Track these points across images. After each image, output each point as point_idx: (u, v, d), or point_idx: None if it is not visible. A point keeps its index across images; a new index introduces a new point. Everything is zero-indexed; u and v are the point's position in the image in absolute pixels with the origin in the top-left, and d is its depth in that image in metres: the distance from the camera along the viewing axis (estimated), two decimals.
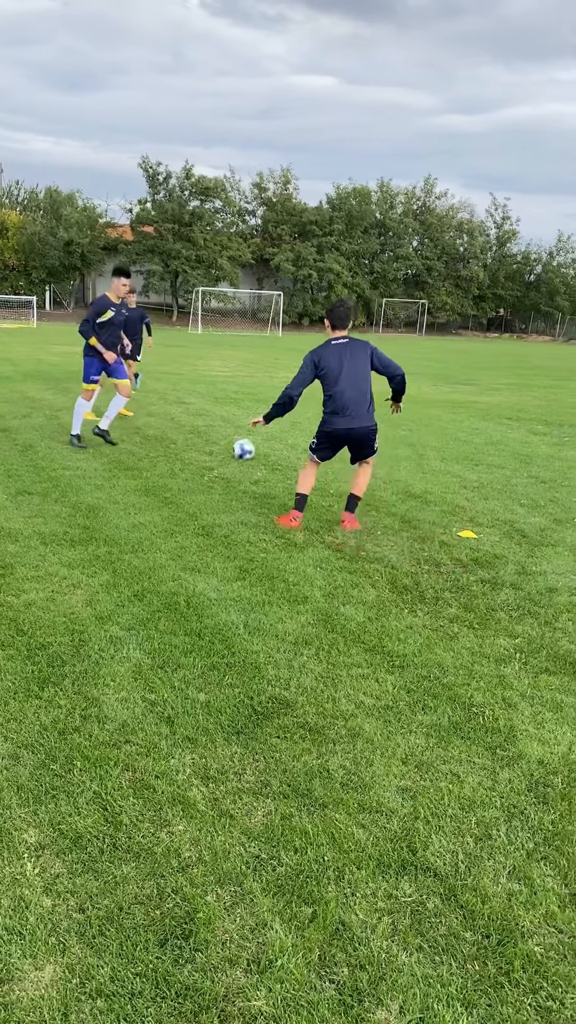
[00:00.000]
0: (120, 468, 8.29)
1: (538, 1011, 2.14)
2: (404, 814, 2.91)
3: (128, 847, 2.66)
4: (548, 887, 2.59)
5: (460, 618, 4.78)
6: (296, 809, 2.90)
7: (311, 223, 56.60)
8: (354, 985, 2.18)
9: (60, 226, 49.73)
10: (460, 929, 2.40)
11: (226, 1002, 2.11)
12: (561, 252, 66.77)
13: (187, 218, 52.30)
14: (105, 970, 2.18)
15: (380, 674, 4.00)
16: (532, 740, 3.46)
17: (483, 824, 2.88)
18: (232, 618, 4.54)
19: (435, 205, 62.80)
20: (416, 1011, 2.11)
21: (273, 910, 2.42)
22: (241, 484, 7.91)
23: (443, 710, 3.67)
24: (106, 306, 9.12)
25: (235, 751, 3.25)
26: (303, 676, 3.93)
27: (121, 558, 5.44)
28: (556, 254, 66.65)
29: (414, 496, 7.83)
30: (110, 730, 3.35)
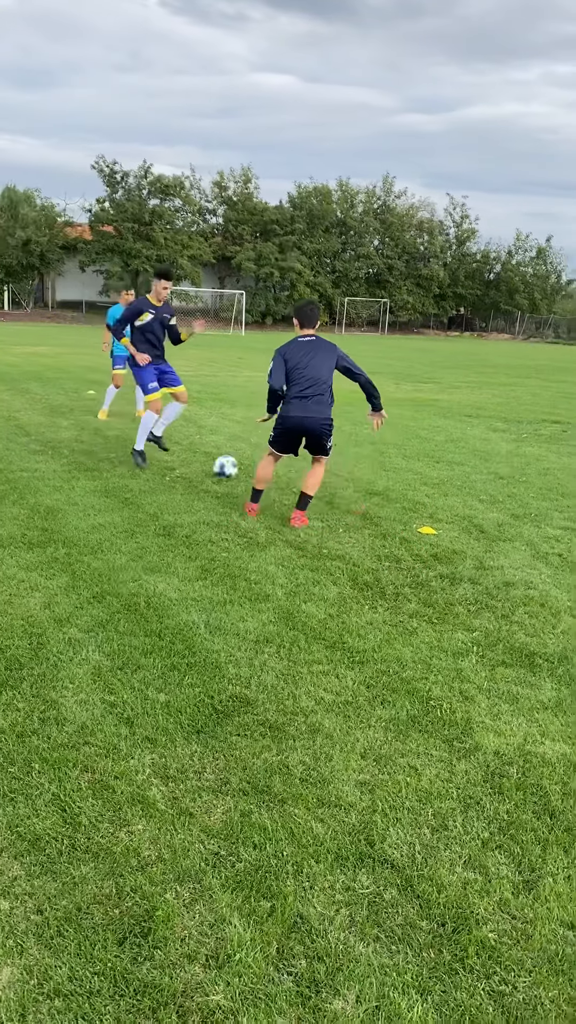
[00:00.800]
0: (80, 469, 8.23)
1: (491, 995, 2.18)
2: (362, 807, 2.94)
3: (87, 847, 2.66)
4: (502, 875, 2.64)
5: (419, 613, 4.83)
6: (255, 806, 2.92)
7: (272, 222, 56.66)
8: (312, 976, 2.20)
9: (17, 225, 49.16)
10: (416, 918, 2.44)
11: (184, 997, 2.12)
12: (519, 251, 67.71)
13: (147, 217, 52.03)
14: (63, 970, 2.18)
15: (340, 670, 4.04)
16: (488, 732, 3.52)
17: (440, 815, 2.93)
18: (193, 618, 4.55)
19: (395, 204, 63.25)
20: (372, 999, 2.14)
21: (232, 905, 2.44)
22: (203, 484, 7.91)
23: (402, 704, 3.72)
24: (144, 308, 8.52)
25: (195, 750, 3.26)
26: (264, 674, 3.95)
27: (80, 560, 5.41)
28: (515, 253, 67.54)
29: (375, 493, 7.89)
30: (69, 732, 3.34)
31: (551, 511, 7.51)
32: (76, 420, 11.56)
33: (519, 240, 67.60)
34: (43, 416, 11.77)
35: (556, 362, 36.17)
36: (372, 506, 7.38)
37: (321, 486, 8.04)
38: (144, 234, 51.61)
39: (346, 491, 7.94)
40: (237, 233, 56.41)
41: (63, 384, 16.17)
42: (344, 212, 60.28)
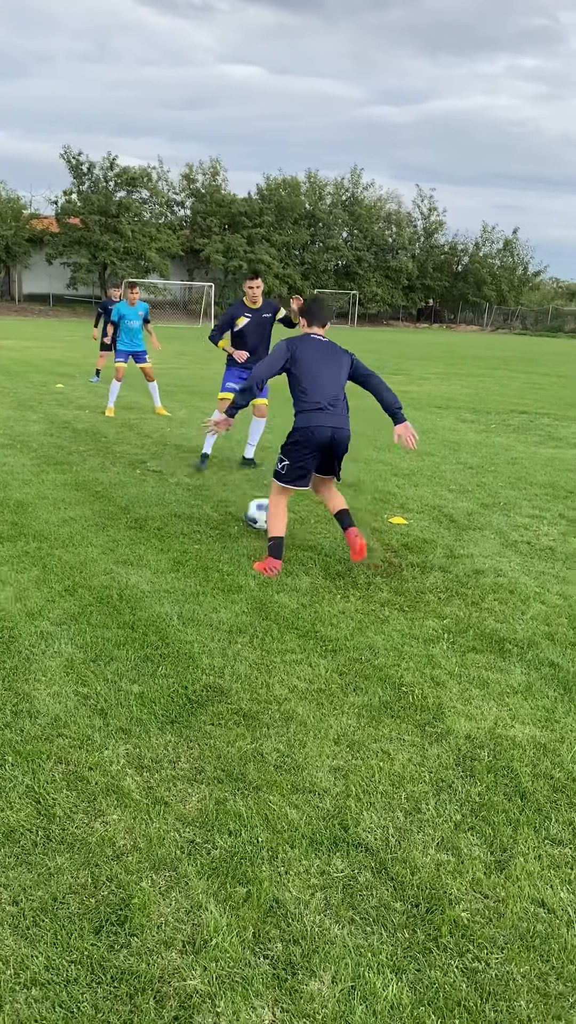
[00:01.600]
0: (49, 463, 8.17)
1: (464, 972, 2.22)
2: (336, 793, 2.97)
3: (62, 838, 2.66)
4: (475, 855, 2.68)
5: (391, 602, 4.87)
6: (230, 793, 2.94)
7: (241, 214, 56.44)
8: (288, 959, 2.23)
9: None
10: (390, 900, 2.47)
11: (162, 983, 2.13)
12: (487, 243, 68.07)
13: (114, 209, 51.55)
14: (40, 960, 2.18)
15: (313, 659, 4.06)
16: (460, 716, 3.56)
17: (413, 799, 2.97)
18: (166, 609, 4.55)
19: (363, 196, 63.27)
20: (348, 980, 2.17)
21: (208, 892, 2.45)
22: (174, 476, 7.88)
23: (374, 691, 3.75)
24: (239, 314, 8.19)
25: (169, 740, 3.27)
26: (237, 664, 3.96)
27: (51, 553, 5.38)
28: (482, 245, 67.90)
29: (346, 484, 7.91)
30: (42, 724, 3.33)
31: (519, 500, 7.60)
32: (45, 414, 11.45)
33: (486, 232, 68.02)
34: (11, 410, 11.65)
35: (523, 353, 36.48)
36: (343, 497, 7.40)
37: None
38: (111, 226, 51.14)
39: None
40: (206, 225, 56.10)
41: (31, 378, 16.01)
42: (313, 204, 60.20)
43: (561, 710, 3.67)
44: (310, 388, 5.38)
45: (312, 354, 5.46)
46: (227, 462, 8.69)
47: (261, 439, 8.92)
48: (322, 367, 5.44)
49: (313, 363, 5.42)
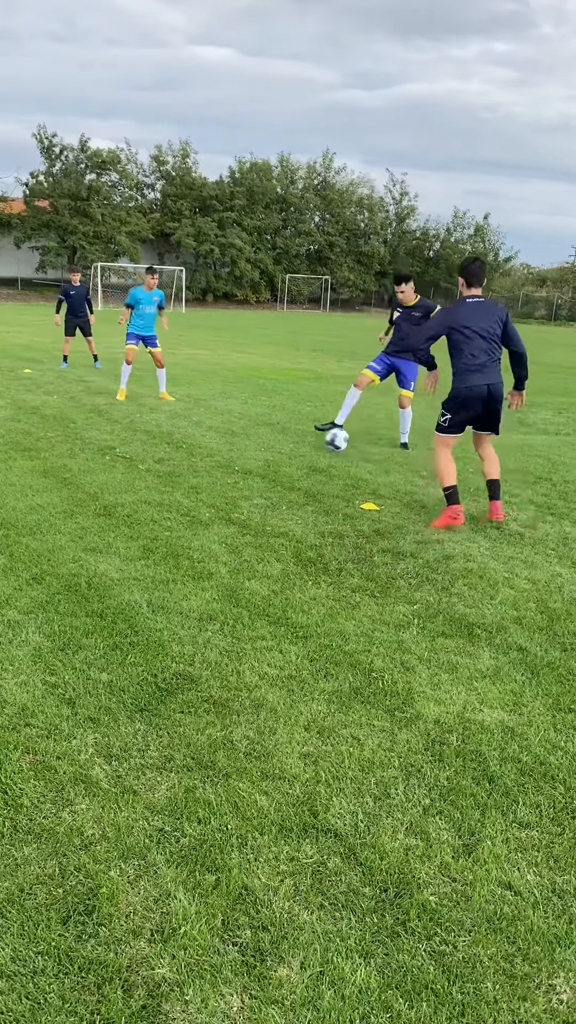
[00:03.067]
0: (16, 449, 8.07)
1: (432, 955, 2.24)
2: (306, 779, 2.97)
3: (29, 828, 2.64)
4: (443, 840, 2.70)
5: (362, 588, 4.88)
6: (200, 781, 2.93)
7: (212, 198, 55.92)
8: (256, 946, 2.23)
9: None
10: (359, 885, 2.48)
11: (130, 972, 2.12)
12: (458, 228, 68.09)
13: (84, 192, 50.85)
14: (6, 951, 2.16)
15: (284, 645, 4.06)
16: (429, 701, 3.58)
17: (382, 784, 2.98)
18: (135, 597, 4.52)
19: (335, 180, 62.97)
20: (316, 965, 2.18)
21: (177, 880, 2.45)
22: (144, 463, 7.83)
23: (344, 677, 3.76)
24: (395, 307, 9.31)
25: (139, 728, 3.25)
26: (207, 651, 3.95)
27: (18, 541, 5.31)
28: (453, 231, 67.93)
29: (318, 471, 7.92)
30: (9, 714, 3.29)
31: None
32: (12, 399, 11.30)
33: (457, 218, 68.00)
34: None
35: None
36: (314, 483, 7.40)
37: (265, 463, 8.05)
38: (81, 210, 50.45)
39: (289, 468, 7.94)
40: (176, 208, 55.51)
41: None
42: (284, 188, 59.82)
43: (529, 694, 3.71)
44: (467, 351, 6.18)
45: (470, 317, 6.18)
46: (196, 448, 8.65)
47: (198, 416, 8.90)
48: (478, 329, 6.16)
49: (471, 326, 6.15)
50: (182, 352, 20.44)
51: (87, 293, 15.78)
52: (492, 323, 6.17)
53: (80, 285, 15.62)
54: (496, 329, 6.18)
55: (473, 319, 6.15)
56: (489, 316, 6.17)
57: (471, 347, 6.13)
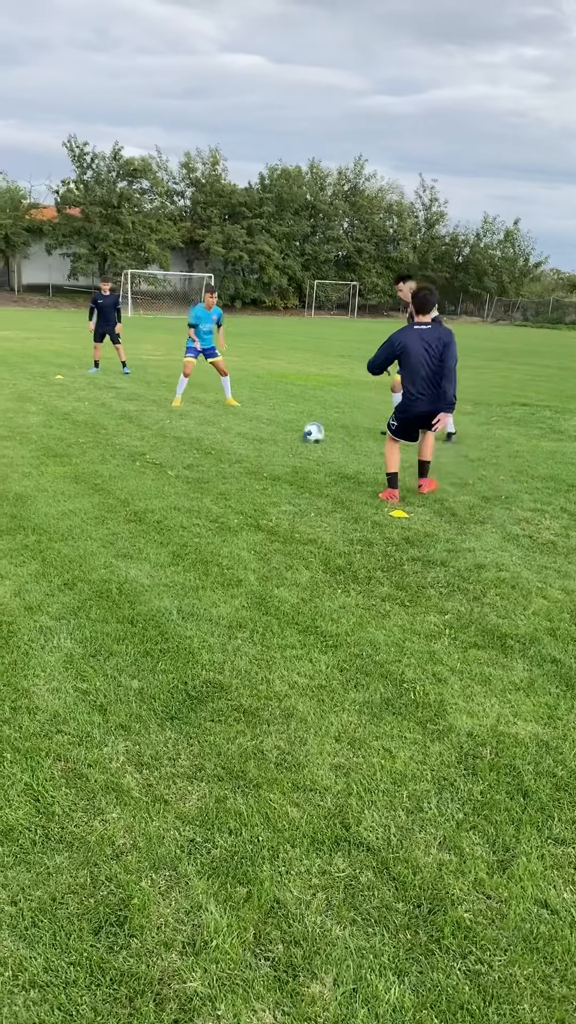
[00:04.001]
0: (49, 455, 8.13)
1: (467, 975, 2.20)
2: (337, 791, 2.95)
3: (61, 837, 2.64)
4: (477, 855, 2.66)
5: (392, 596, 4.84)
6: (230, 791, 2.91)
7: (241, 204, 56.13)
8: (289, 961, 2.20)
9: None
10: (392, 900, 2.45)
11: (161, 985, 2.11)
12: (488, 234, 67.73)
13: (115, 200, 51.30)
14: (38, 961, 2.16)
15: (314, 654, 4.03)
16: (461, 713, 3.54)
17: (414, 797, 2.94)
18: (165, 604, 4.52)
19: (365, 187, 62.96)
20: (350, 982, 2.15)
21: (208, 892, 2.43)
22: (174, 469, 7.85)
23: (375, 687, 3.72)
24: None
25: (169, 736, 3.24)
26: (237, 659, 3.93)
27: (50, 547, 5.35)
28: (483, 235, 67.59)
29: (347, 477, 7.89)
30: (41, 721, 3.30)
31: (521, 493, 7.56)
32: (44, 405, 11.41)
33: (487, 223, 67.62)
34: (11, 401, 11.60)
35: (524, 345, 36.35)
36: (343, 490, 7.37)
37: (293, 470, 8.03)
38: (112, 217, 50.89)
39: (317, 475, 7.92)
40: (205, 216, 55.78)
41: (30, 369, 15.95)
42: (314, 195, 59.89)
43: (564, 707, 3.65)
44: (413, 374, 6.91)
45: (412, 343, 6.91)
46: (224, 455, 8.66)
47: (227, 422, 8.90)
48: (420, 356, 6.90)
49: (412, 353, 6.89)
50: None
51: (117, 302, 15.94)
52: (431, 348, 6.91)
53: (110, 294, 15.79)
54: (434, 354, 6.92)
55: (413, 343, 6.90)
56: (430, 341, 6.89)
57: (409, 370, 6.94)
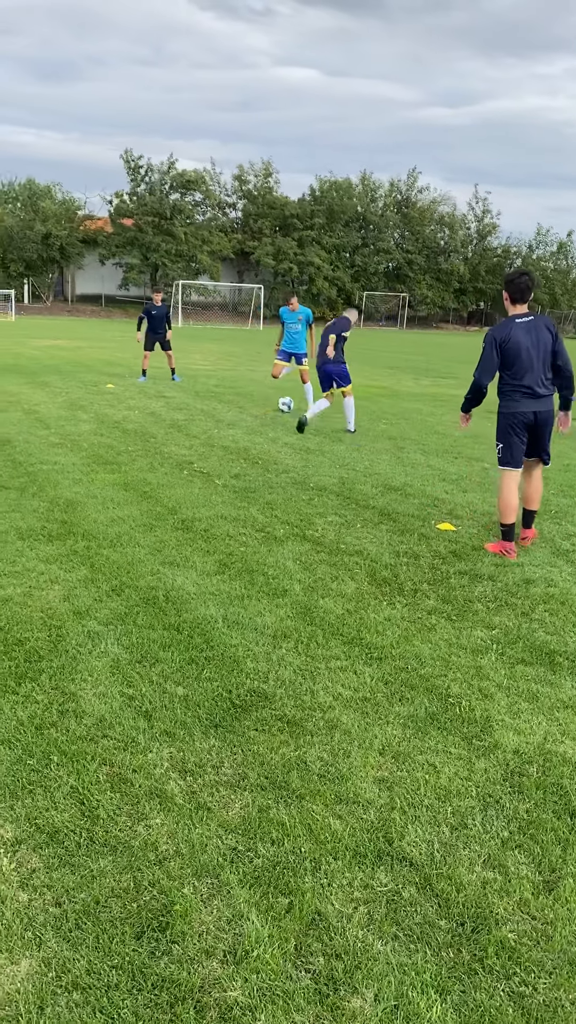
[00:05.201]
0: (99, 463, 8.25)
1: (511, 996, 2.16)
2: (381, 804, 2.93)
3: (105, 841, 2.67)
4: (522, 875, 2.62)
5: (438, 610, 4.80)
6: (273, 801, 2.91)
7: (292, 216, 56.51)
8: (330, 974, 2.19)
9: (37, 219, 49.34)
10: (435, 917, 2.42)
11: (202, 993, 2.11)
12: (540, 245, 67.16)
13: (167, 211, 52.04)
14: (81, 963, 2.18)
15: (358, 666, 4.02)
16: (508, 730, 3.49)
17: (459, 813, 2.91)
18: (211, 612, 4.54)
19: (417, 198, 62.88)
20: (391, 998, 2.13)
21: (250, 901, 2.43)
22: (221, 478, 7.90)
23: (420, 701, 3.69)
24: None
25: (213, 744, 3.26)
26: (282, 669, 3.94)
27: (99, 553, 5.42)
28: (535, 247, 67.00)
29: (394, 489, 7.86)
30: (87, 725, 3.34)
31: (571, 508, 7.45)
32: (95, 413, 11.59)
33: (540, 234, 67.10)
34: (63, 409, 11.81)
35: None
36: (390, 502, 7.34)
37: (340, 480, 8.03)
38: (164, 228, 51.62)
39: (364, 486, 7.90)
40: (256, 227, 56.29)
41: (82, 377, 16.22)
42: (365, 206, 60.01)
43: None
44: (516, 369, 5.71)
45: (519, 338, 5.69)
46: (271, 464, 8.69)
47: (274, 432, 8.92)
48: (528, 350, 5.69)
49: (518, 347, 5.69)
50: (259, 369, 20.62)
51: (167, 312, 16.17)
52: (540, 340, 5.74)
53: (161, 305, 16.03)
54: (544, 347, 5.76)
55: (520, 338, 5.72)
56: (538, 333, 5.74)
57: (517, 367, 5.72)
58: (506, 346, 5.65)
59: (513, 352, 5.64)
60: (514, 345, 5.63)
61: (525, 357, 5.64)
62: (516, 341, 5.63)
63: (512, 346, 5.63)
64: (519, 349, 5.63)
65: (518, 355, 5.63)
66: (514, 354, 5.64)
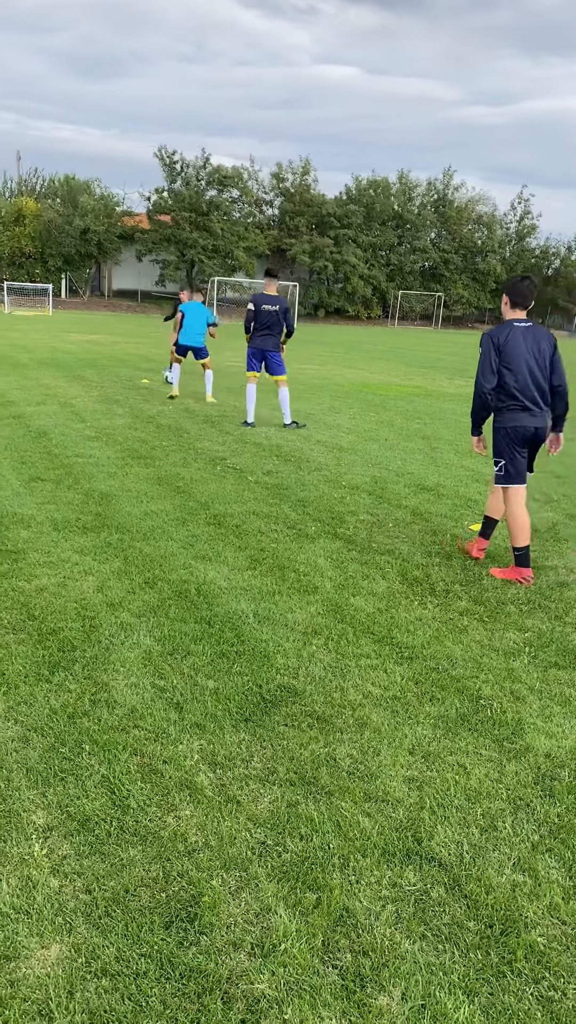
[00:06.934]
0: (133, 457, 8.31)
1: (540, 1001, 2.14)
2: (410, 804, 2.92)
3: (135, 830, 2.69)
4: (552, 879, 2.59)
5: (470, 611, 4.77)
6: (302, 797, 2.92)
7: (329, 215, 56.37)
8: (357, 971, 2.19)
9: (76, 214, 49.75)
10: (464, 918, 2.41)
11: (230, 984, 2.12)
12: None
13: (204, 207, 52.20)
14: (110, 950, 2.20)
15: (389, 665, 4.00)
16: (540, 733, 3.46)
17: (489, 815, 2.89)
18: (242, 607, 4.56)
19: (454, 197, 62.41)
20: (418, 998, 2.12)
21: (278, 895, 2.44)
22: (253, 474, 7.92)
23: (451, 702, 3.67)
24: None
25: (243, 738, 3.27)
26: (312, 665, 3.94)
27: (132, 545, 5.46)
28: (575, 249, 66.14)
29: (427, 489, 7.82)
30: (119, 715, 3.37)
31: None
32: (131, 408, 11.67)
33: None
34: (98, 403, 11.91)
35: None
36: (422, 502, 7.31)
37: (373, 479, 8.00)
38: (201, 224, 51.80)
39: (396, 486, 7.87)
40: (293, 225, 56.26)
41: (118, 372, 16.34)
42: (402, 205, 59.70)
43: None
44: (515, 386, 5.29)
45: (517, 345, 5.28)
46: (304, 462, 8.69)
47: (307, 430, 8.89)
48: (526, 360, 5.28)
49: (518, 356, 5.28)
50: (292, 367, 20.61)
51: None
52: (540, 351, 5.32)
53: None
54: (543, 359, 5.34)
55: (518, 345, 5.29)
56: (537, 342, 5.31)
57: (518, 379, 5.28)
58: (505, 348, 5.25)
59: (511, 356, 5.24)
60: (512, 348, 5.24)
61: (524, 363, 5.24)
62: (515, 345, 5.24)
63: (511, 349, 5.24)
64: (518, 354, 5.24)
65: (516, 360, 5.24)
66: (512, 358, 5.24)
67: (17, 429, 9.43)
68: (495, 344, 5.26)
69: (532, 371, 5.27)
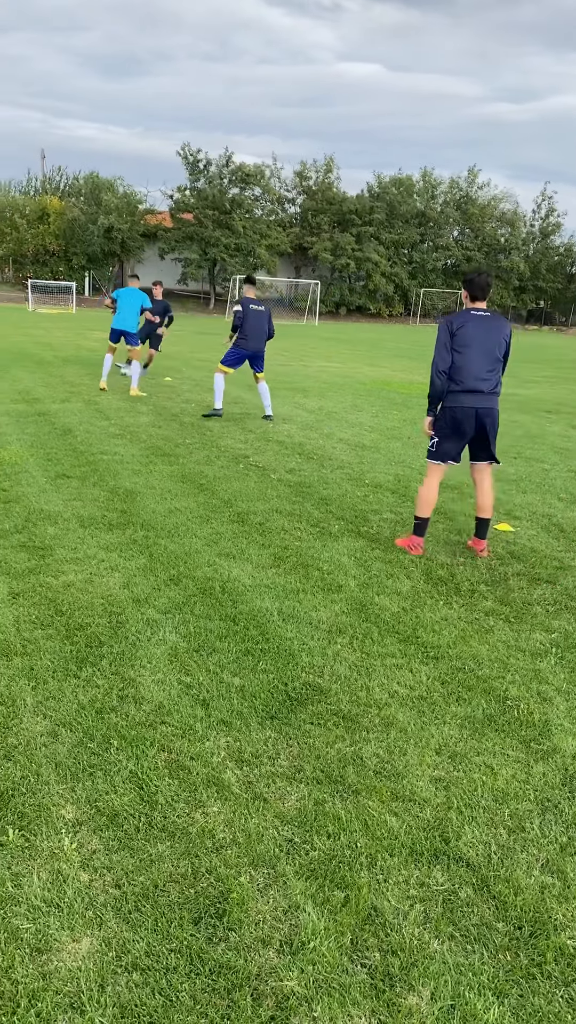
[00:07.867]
0: (157, 454, 8.34)
1: (570, 1003, 2.13)
2: (437, 804, 2.91)
3: (163, 826, 2.70)
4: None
5: (496, 611, 4.75)
6: (329, 795, 2.92)
7: (351, 212, 56.25)
8: (386, 970, 2.19)
9: (100, 212, 49.97)
10: (492, 919, 2.40)
11: (259, 981, 2.13)
12: None
13: (227, 205, 52.26)
14: (141, 945, 2.22)
15: (414, 665, 4.00)
16: (567, 735, 3.44)
17: (516, 816, 2.88)
18: (266, 605, 4.56)
19: (477, 195, 62.08)
20: (447, 998, 2.12)
21: (306, 893, 2.44)
22: (276, 472, 7.92)
23: (477, 702, 3.66)
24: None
25: (269, 735, 3.27)
26: (337, 664, 3.94)
27: (157, 542, 5.48)
28: None
29: (451, 487, 7.79)
30: (146, 711, 3.39)
31: None
32: (154, 405, 11.71)
33: None
34: (122, 401, 11.96)
35: None
36: (446, 500, 7.28)
37: (396, 478, 7.98)
38: (223, 222, 51.88)
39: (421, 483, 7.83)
40: (315, 223, 56.19)
41: None
42: (425, 203, 59.47)
43: None
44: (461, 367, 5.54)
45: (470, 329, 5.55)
46: (327, 460, 8.68)
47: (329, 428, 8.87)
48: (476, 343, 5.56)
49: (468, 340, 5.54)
50: (314, 364, 20.60)
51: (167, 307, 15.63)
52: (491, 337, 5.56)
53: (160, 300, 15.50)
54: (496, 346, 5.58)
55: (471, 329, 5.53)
56: (489, 330, 5.56)
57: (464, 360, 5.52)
58: (458, 333, 5.52)
59: (463, 341, 5.51)
60: (465, 333, 5.51)
61: (474, 348, 5.51)
62: (468, 330, 5.53)
63: (463, 333, 5.51)
64: (470, 339, 5.51)
65: (467, 345, 5.51)
66: (464, 343, 5.51)
67: (43, 426, 9.49)
68: (450, 329, 5.58)
69: (481, 355, 5.53)
